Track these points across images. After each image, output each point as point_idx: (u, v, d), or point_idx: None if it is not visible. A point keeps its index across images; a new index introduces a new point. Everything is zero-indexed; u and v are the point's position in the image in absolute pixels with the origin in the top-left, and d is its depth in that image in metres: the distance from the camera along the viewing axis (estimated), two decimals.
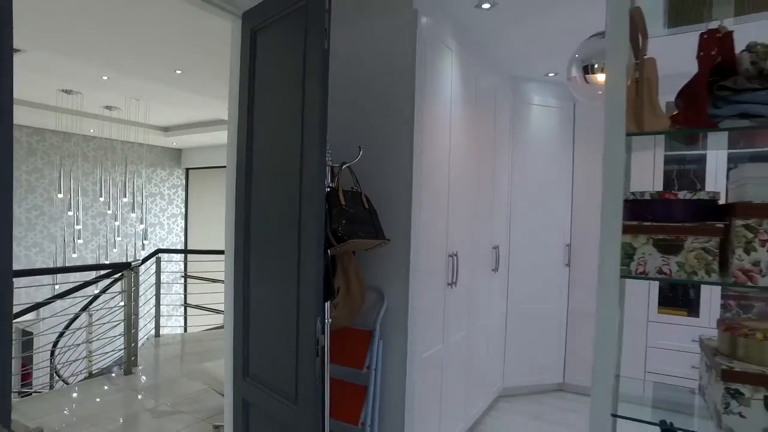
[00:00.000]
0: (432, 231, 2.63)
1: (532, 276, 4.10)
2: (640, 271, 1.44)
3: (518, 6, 2.75)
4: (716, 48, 1.37)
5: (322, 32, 1.70)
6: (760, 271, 1.28)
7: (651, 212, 1.47)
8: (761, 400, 1.32)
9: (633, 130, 1.46)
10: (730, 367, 1.36)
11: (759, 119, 1.32)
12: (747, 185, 1.39)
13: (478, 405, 3.56)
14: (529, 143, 4.06)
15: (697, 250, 1.38)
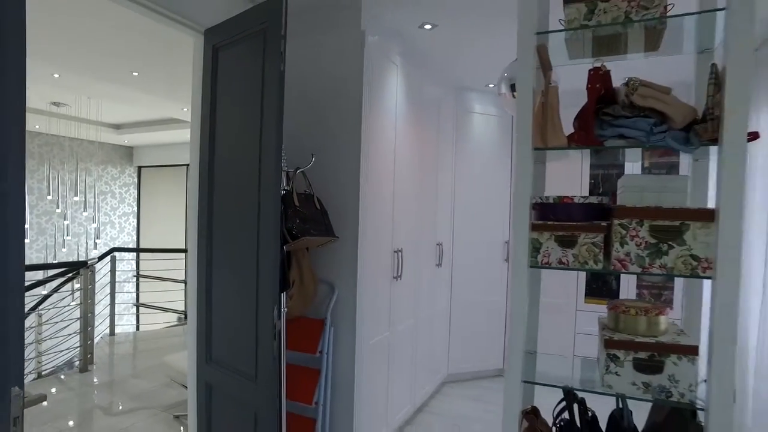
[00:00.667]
0: (378, 229, 2.90)
1: (474, 270, 4.44)
2: (545, 261, 1.76)
3: (458, 26, 3.05)
4: (600, 82, 1.70)
5: (278, 55, 1.94)
6: (630, 260, 1.62)
7: (554, 213, 1.78)
8: (631, 361, 1.66)
9: (539, 146, 1.78)
10: (611, 337, 1.69)
11: (631, 140, 1.66)
12: (624, 192, 1.73)
13: (424, 389, 3.86)
14: (471, 148, 4.40)
15: (588, 244, 1.70)
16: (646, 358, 1.66)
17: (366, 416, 2.83)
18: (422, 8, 2.81)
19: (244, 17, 2.17)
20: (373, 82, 2.77)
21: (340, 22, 2.70)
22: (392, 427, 3.25)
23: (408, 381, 3.50)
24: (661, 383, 1.65)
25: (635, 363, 1.67)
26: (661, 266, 1.60)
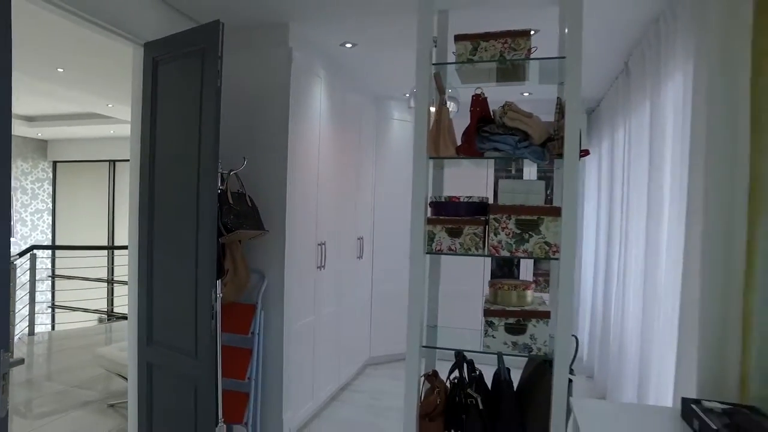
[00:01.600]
0: (304, 224, 3.24)
1: (392, 262, 4.87)
2: (438, 248, 2.18)
3: (375, 45, 3.43)
4: (479, 106, 2.15)
5: (215, 73, 2.23)
6: (502, 246, 2.08)
7: (445, 210, 2.22)
8: (503, 326, 2.12)
9: (433, 155, 2.20)
10: (488, 307, 2.15)
11: (503, 152, 2.12)
12: (501, 194, 2.19)
13: (348, 369, 4.25)
14: (390, 152, 4.82)
15: (471, 235, 2.15)
16: (514, 322, 2.13)
17: (294, 391, 3.17)
18: (343, 30, 3.17)
19: (185, 37, 2.43)
20: (299, 93, 3.10)
21: (270, 40, 3.00)
22: (318, 401, 3.61)
23: (333, 361, 3.86)
24: (524, 342, 2.13)
25: (506, 327, 2.14)
26: (524, 251, 2.07)
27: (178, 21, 2.84)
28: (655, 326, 2.66)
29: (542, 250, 2.06)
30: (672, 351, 2.26)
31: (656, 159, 2.66)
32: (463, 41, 2.25)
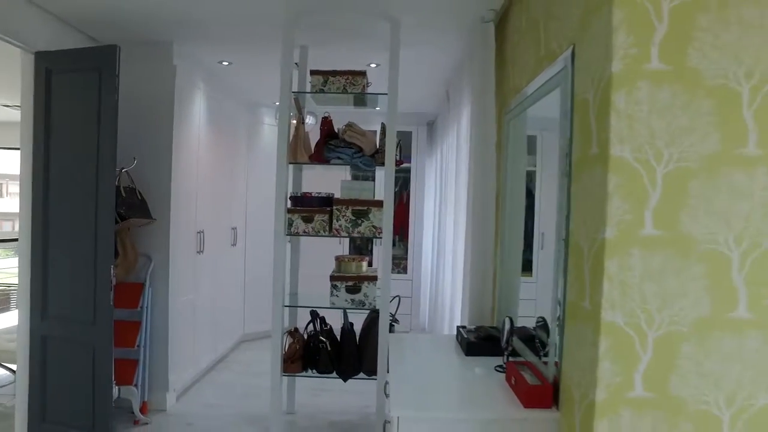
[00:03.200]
0: (185, 214, 3.71)
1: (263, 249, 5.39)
2: (295, 231, 2.85)
3: (248, 64, 3.97)
4: (327, 126, 2.85)
5: (113, 90, 2.67)
6: (342, 229, 2.81)
7: (301, 202, 2.89)
8: (344, 287, 2.86)
9: (291, 161, 2.87)
10: (333, 274, 2.88)
11: (343, 161, 2.85)
12: (342, 190, 2.92)
13: (225, 344, 4.74)
14: (262, 153, 5.36)
15: (320, 221, 2.85)
16: (352, 285, 2.88)
17: (178, 358, 3.64)
18: (220, 50, 3.67)
19: (81, 54, 2.80)
20: (181, 102, 3.56)
21: (157, 55, 3.40)
22: (200, 368, 4.10)
23: (211, 335, 4.35)
24: (360, 299, 2.89)
25: (347, 288, 2.88)
26: (358, 232, 2.83)
27: (71, 34, 3.14)
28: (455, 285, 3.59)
29: (371, 231, 2.83)
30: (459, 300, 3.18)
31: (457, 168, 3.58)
32: (317, 75, 2.94)
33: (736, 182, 1.35)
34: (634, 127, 1.33)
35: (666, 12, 1.33)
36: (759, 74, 1.33)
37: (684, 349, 1.37)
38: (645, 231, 1.35)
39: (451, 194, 3.89)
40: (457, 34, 3.00)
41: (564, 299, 1.64)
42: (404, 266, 5.75)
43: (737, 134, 1.34)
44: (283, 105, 2.82)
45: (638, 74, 1.33)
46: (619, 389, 1.37)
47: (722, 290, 1.36)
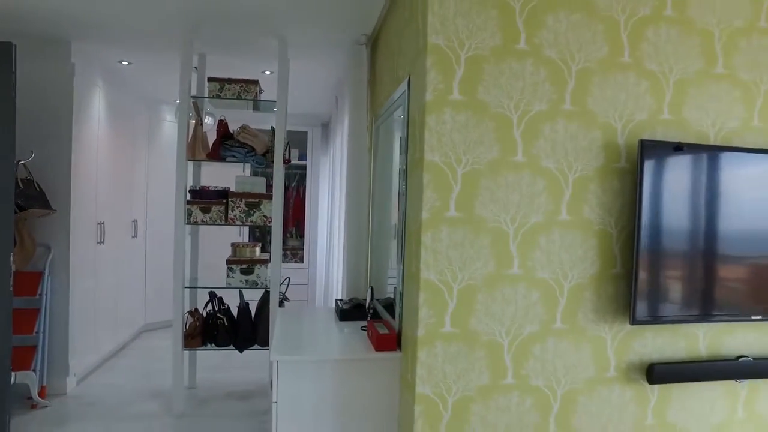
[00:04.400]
0: (86, 206, 3.80)
1: (163, 242, 5.50)
2: (194, 221, 3.13)
3: (148, 65, 4.12)
4: (222, 128, 3.15)
5: (11, 87, 2.77)
6: (237, 218, 3.13)
7: (199, 195, 3.17)
8: (239, 269, 3.19)
9: (190, 158, 3.13)
10: (229, 258, 3.19)
11: (237, 159, 3.17)
12: (237, 184, 3.23)
13: (126, 331, 4.82)
14: (163, 149, 5.45)
15: (216, 211, 3.14)
16: (246, 267, 3.21)
17: (79, 344, 3.73)
18: (119, 51, 3.79)
19: None
20: (81, 98, 3.64)
21: (56, 54, 3.46)
22: (101, 354, 4.18)
23: (112, 324, 4.43)
24: (253, 279, 3.23)
25: (241, 270, 3.21)
26: (251, 221, 3.16)
27: None
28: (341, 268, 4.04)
29: (262, 221, 3.18)
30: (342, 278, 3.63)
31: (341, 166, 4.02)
32: (214, 82, 3.23)
33: (510, 180, 1.90)
34: (441, 140, 1.84)
35: (463, 60, 1.85)
36: (522, 107, 1.89)
37: (478, 297, 1.90)
38: (449, 213, 1.86)
39: (338, 190, 4.32)
40: (338, 52, 3.43)
41: (403, 268, 2.13)
42: (301, 256, 6.11)
43: (510, 147, 1.90)
44: (183, 108, 3.07)
45: (444, 103, 1.84)
46: (434, 327, 1.88)
47: (502, 255, 1.91)
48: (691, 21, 2.11)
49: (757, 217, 2.13)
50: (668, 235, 2.01)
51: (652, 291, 2.01)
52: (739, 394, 2.26)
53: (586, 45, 1.99)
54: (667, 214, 2.00)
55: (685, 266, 2.06)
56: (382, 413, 2.11)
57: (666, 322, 2.08)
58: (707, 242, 2.08)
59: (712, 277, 2.10)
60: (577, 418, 2.07)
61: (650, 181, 1.97)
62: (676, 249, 2.04)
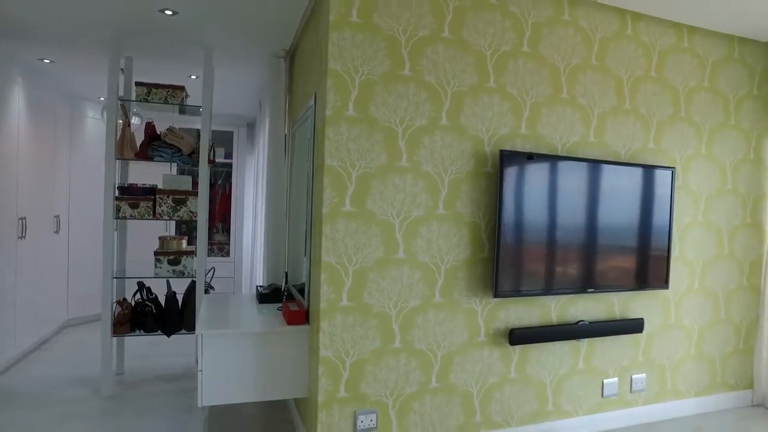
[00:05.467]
0: (5, 201, 3.85)
1: (88, 237, 5.54)
2: (123, 216, 3.33)
3: (71, 64, 4.19)
4: (150, 129, 3.38)
5: None
6: (164, 214, 3.36)
7: (128, 192, 3.37)
8: (167, 260, 3.43)
9: (119, 157, 3.33)
10: (157, 250, 3.42)
11: (165, 158, 3.40)
12: (164, 182, 3.46)
13: (48, 326, 4.83)
14: (87, 145, 5.46)
15: (144, 207, 3.36)
16: (173, 258, 3.46)
17: None
18: (40, 49, 3.86)
19: None
20: None
21: None
22: (22, 348, 4.22)
23: (34, 318, 4.46)
24: (180, 269, 3.48)
25: (169, 261, 3.45)
26: (178, 216, 3.41)
27: None
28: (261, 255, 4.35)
29: (188, 215, 3.44)
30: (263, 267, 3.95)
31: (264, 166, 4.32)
32: (141, 86, 3.43)
33: (396, 181, 2.33)
34: (339, 148, 2.23)
35: (357, 83, 2.25)
36: (406, 122, 2.33)
37: (369, 276, 2.32)
38: (345, 208, 2.26)
39: (261, 188, 4.62)
40: (260, 62, 3.73)
41: (310, 255, 2.51)
42: (227, 250, 6.31)
43: (396, 154, 2.33)
44: (111, 110, 3.25)
45: (341, 118, 2.23)
46: (334, 302, 2.28)
47: (390, 242, 2.34)
48: (543, 57, 2.64)
49: (591, 212, 2.71)
50: (523, 225, 2.53)
51: (511, 271, 2.52)
52: (580, 350, 2.85)
53: (460, 73, 2.45)
54: (522, 209, 2.52)
55: (537, 251, 2.59)
56: (294, 375, 2.48)
57: (523, 295, 2.60)
58: (553, 232, 2.63)
59: (557, 260, 2.65)
60: (454, 375, 2.54)
61: (508, 183, 2.47)
62: (529, 237, 2.56)
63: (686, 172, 3.12)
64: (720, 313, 3.31)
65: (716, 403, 3.31)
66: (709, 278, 3.25)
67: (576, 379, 2.85)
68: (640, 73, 2.93)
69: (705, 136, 3.17)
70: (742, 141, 3.31)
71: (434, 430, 2.51)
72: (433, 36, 2.40)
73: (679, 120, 3.07)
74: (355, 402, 2.34)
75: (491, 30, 2.52)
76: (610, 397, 2.97)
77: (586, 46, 2.74)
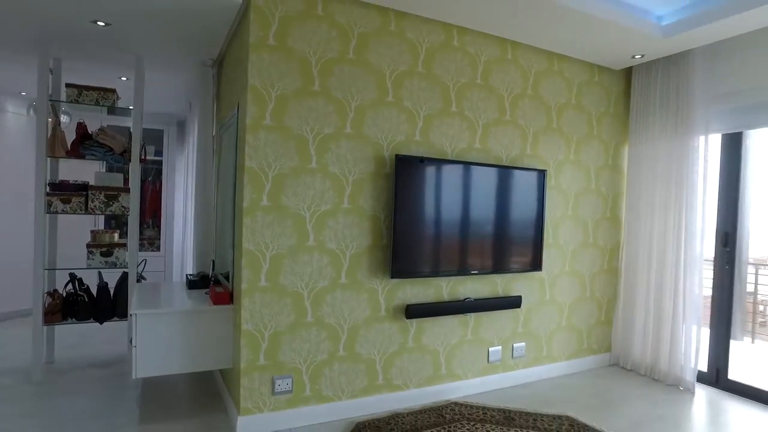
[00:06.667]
0: None
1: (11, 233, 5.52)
2: (54, 211, 3.54)
3: None
4: (81, 129, 3.60)
5: None
6: (96, 208, 3.60)
7: (60, 188, 3.58)
8: (99, 252, 3.67)
9: (50, 155, 3.54)
10: (89, 243, 3.65)
11: (96, 157, 3.64)
12: (95, 179, 3.70)
13: None
14: (8, 139, 5.44)
15: (77, 202, 3.58)
16: (105, 250, 3.70)
17: None
18: None
19: None
20: None
21: None
22: None
23: None
24: (112, 260, 3.73)
25: (101, 252, 3.69)
26: (111, 211, 3.66)
27: None
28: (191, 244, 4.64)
29: (121, 210, 3.69)
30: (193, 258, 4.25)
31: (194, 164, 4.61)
32: (72, 88, 3.64)
33: (307, 180, 2.77)
34: (257, 152, 2.64)
35: (273, 97, 2.66)
36: (316, 130, 2.76)
37: (284, 261, 2.74)
38: (263, 203, 2.67)
39: (191, 185, 4.89)
40: (190, 68, 4.03)
41: (234, 243, 2.90)
42: (158, 245, 6.48)
43: (307, 158, 2.76)
44: (41, 109, 3.44)
45: (259, 126, 2.64)
46: (253, 282, 2.68)
47: (302, 232, 2.77)
48: (436, 76, 3.16)
49: (474, 207, 3.26)
50: (416, 218, 3.04)
51: (405, 256, 3.02)
52: (468, 323, 3.41)
53: (362, 89, 2.92)
54: (416, 204, 3.03)
55: (428, 239, 3.11)
56: (220, 348, 2.86)
57: (417, 276, 3.11)
58: (443, 223, 3.16)
59: (446, 247, 3.18)
60: (359, 345, 3.01)
61: (403, 182, 2.96)
62: (422, 228, 3.08)
63: (558, 175, 3.77)
64: (586, 291, 4.00)
65: (582, 364, 4.00)
66: (577, 262, 3.92)
67: (465, 347, 3.41)
68: (519, 90, 3.53)
69: (573, 145, 3.83)
70: (603, 150, 4.01)
71: (342, 392, 2.97)
72: (340, 58, 2.85)
73: (551, 131, 3.71)
74: (273, 369, 2.75)
75: (390, 53, 3.00)
76: (495, 362, 3.55)
77: (472, 68, 3.30)
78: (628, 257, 4.07)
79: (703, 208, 3.62)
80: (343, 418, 2.95)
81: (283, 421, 2.78)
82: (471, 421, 2.95)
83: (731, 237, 3.69)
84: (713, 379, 3.73)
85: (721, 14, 2.98)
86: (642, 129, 3.98)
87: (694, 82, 3.62)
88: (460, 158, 3.29)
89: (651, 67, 3.91)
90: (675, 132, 3.74)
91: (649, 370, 3.90)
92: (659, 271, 3.83)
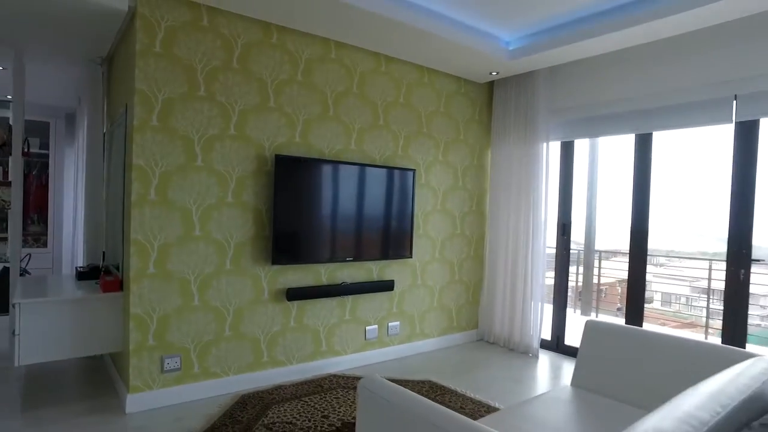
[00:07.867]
0: None
1: None
2: None
3: None
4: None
5: None
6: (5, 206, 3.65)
7: None
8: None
9: None
10: None
11: None
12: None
13: None
14: None
15: None
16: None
17: None
18: None
19: None
20: None
21: None
22: None
23: None
24: None
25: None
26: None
27: None
28: None
29: (1, 205, 3.76)
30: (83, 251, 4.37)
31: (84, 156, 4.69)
32: None
33: (193, 177, 3.10)
34: (144, 151, 2.93)
35: (160, 100, 2.96)
36: (201, 132, 3.10)
37: (172, 250, 3.05)
38: (151, 197, 2.96)
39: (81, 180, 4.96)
40: (78, 63, 4.14)
41: (123, 235, 3.16)
42: (44, 241, 6.34)
43: (193, 157, 3.09)
44: None
45: (146, 127, 2.93)
46: (142, 270, 2.97)
47: (188, 224, 3.10)
48: (314, 85, 3.60)
49: (349, 201, 3.75)
50: (294, 211, 3.47)
51: (284, 245, 3.44)
52: (346, 305, 3.90)
53: (246, 95, 3.29)
54: (293, 199, 3.45)
55: (306, 230, 3.55)
56: (110, 333, 3.11)
57: (296, 263, 3.54)
58: (319, 216, 3.61)
59: (322, 237, 3.64)
60: (243, 326, 3.39)
61: (282, 179, 3.37)
62: (299, 220, 3.51)
63: (428, 173, 4.37)
64: (455, 276, 4.65)
65: (452, 340, 4.65)
66: (447, 250, 4.56)
67: (344, 326, 3.90)
68: (392, 99, 4.07)
69: (441, 147, 4.45)
70: (469, 152, 4.69)
71: (230, 368, 3.33)
72: (224, 66, 3.20)
73: (421, 135, 4.30)
74: (161, 348, 3.06)
75: (272, 63, 3.40)
76: (372, 339, 4.08)
77: (349, 78, 3.78)
78: (490, 246, 4.79)
79: (545, 204, 4.39)
80: (230, 392, 3.31)
81: (173, 396, 3.09)
82: (345, 389, 3.44)
83: (567, 228, 4.51)
84: (554, 346, 4.54)
85: (554, 44, 3.70)
86: (501, 135, 4.70)
87: (538, 98, 4.38)
88: (336, 158, 3.76)
89: (507, 83, 4.64)
90: (525, 139, 4.49)
91: (506, 342, 4.63)
92: (514, 258, 4.57)
